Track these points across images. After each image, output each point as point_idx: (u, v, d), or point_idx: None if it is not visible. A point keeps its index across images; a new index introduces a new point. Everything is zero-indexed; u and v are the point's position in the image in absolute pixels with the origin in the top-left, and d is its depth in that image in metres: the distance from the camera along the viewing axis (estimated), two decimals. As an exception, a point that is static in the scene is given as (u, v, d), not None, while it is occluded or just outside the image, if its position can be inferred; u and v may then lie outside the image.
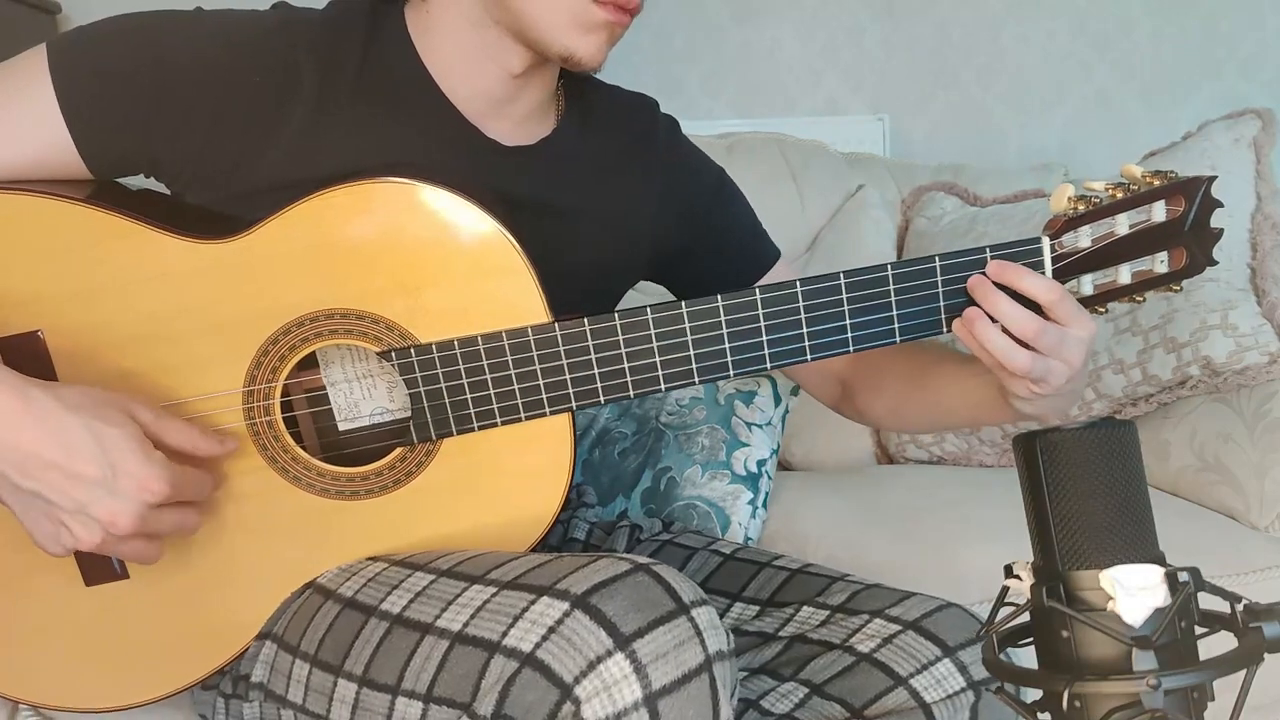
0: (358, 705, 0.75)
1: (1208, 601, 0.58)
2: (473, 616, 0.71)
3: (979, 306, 0.81)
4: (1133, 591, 0.55)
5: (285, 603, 0.85)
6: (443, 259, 0.81)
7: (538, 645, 0.66)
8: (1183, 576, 0.56)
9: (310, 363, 0.87)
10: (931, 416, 0.99)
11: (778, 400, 1.44)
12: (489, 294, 0.81)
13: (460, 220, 0.80)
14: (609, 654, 0.64)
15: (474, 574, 0.75)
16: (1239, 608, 0.57)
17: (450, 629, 0.72)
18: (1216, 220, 0.84)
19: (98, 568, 0.84)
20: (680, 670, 0.65)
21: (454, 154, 0.87)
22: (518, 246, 0.80)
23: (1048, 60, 2.22)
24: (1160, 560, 0.58)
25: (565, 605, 0.67)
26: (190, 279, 0.80)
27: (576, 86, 0.98)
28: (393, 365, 0.81)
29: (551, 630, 0.66)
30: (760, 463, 1.35)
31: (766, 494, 1.34)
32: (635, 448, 1.37)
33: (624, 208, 0.97)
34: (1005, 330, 0.80)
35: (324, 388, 0.88)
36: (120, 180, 0.87)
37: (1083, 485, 0.58)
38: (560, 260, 0.83)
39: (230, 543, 0.84)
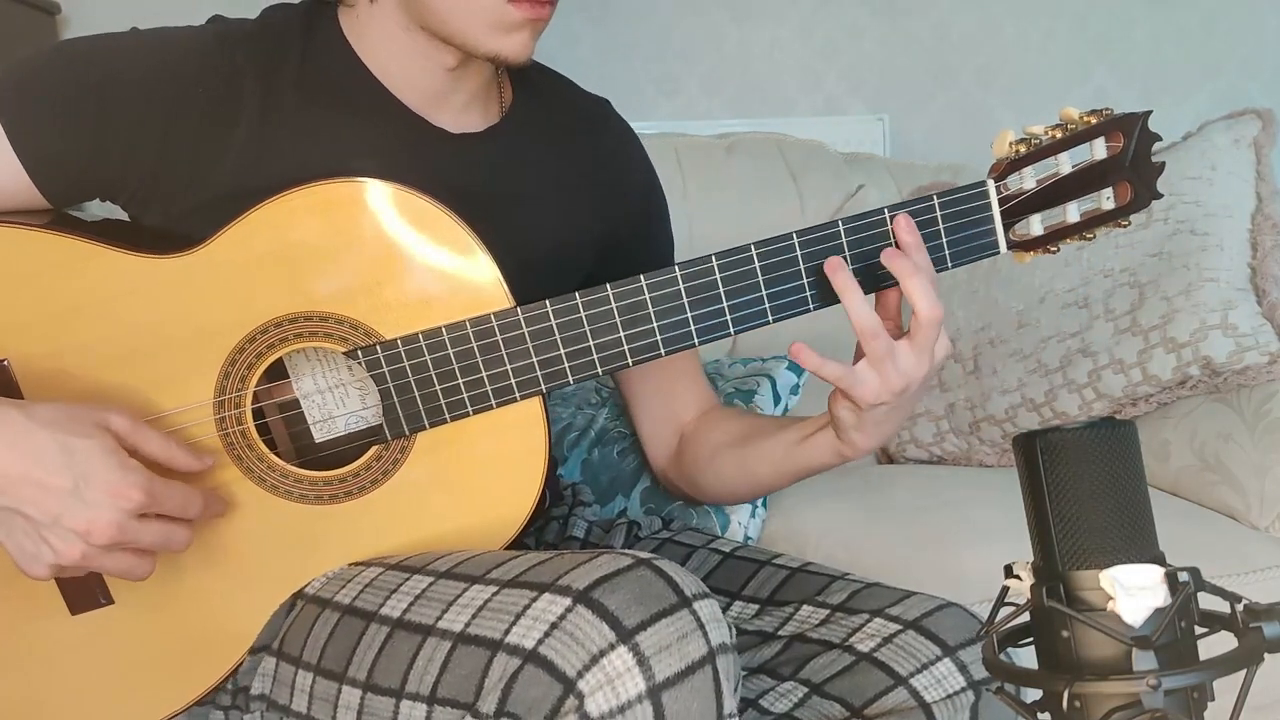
0: (363, 710, 0.75)
1: (1208, 601, 0.58)
2: (474, 616, 0.71)
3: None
4: (1133, 591, 0.55)
5: (276, 615, 0.84)
6: (401, 253, 0.81)
7: (540, 641, 0.66)
8: (1183, 576, 0.56)
9: (281, 373, 0.86)
10: (751, 467, 1.00)
11: (777, 400, 1.44)
12: (450, 284, 0.81)
13: (415, 213, 0.81)
14: (611, 647, 0.64)
15: (474, 574, 0.75)
16: (1239, 608, 0.57)
17: (452, 630, 0.72)
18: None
19: (82, 595, 0.83)
20: (683, 663, 0.65)
21: (403, 145, 0.88)
22: (474, 235, 0.81)
23: (1048, 60, 2.22)
24: (1160, 560, 0.58)
25: (567, 601, 0.67)
26: (153, 295, 0.80)
27: (525, 79, 0.98)
28: (360, 363, 0.81)
29: (554, 626, 0.66)
30: (760, 463, 1.35)
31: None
32: (634, 447, 1.36)
33: (569, 207, 0.98)
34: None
35: (297, 401, 0.87)
36: (78, 210, 0.88)
37: (1083, 485, 0.58)
38: (512, 248, 0.83)
39: (214, 557, 0.83)
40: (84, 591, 0.83)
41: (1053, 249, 0.87)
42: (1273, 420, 1.29)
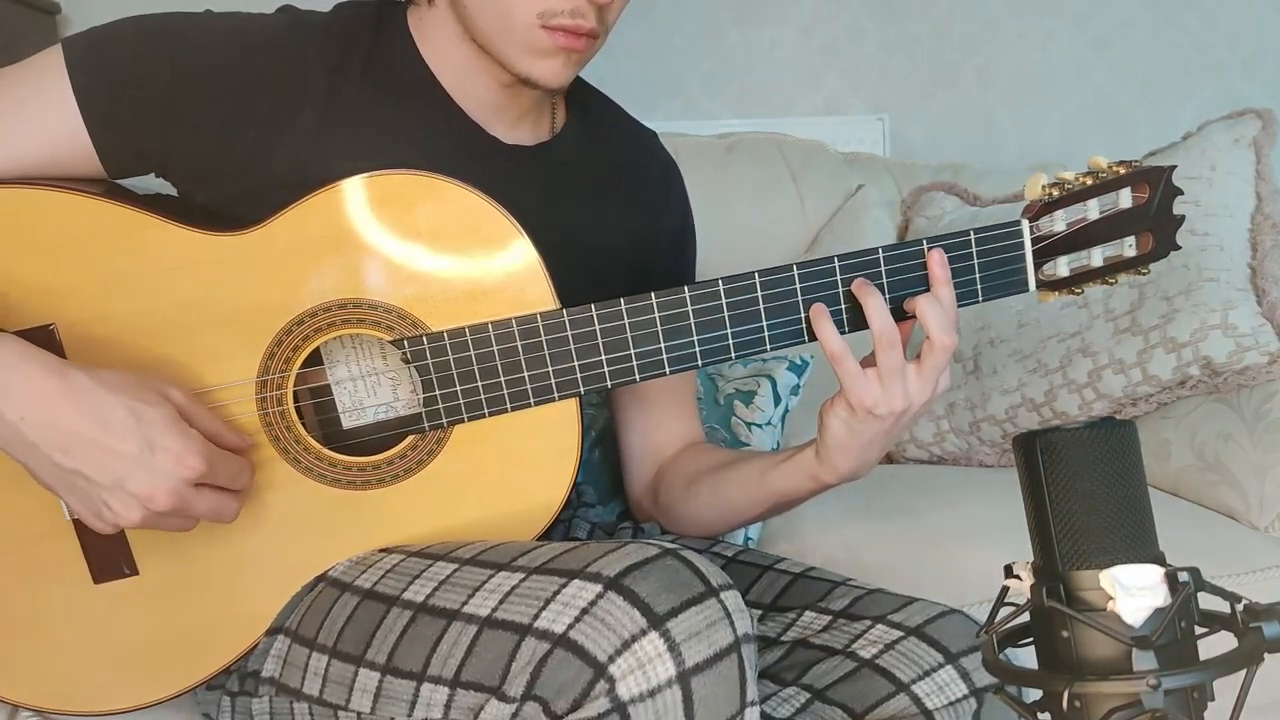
0: (380, 694, 0.75)
1: (1208, 601, 0.58)
2: (502, 601, 0.72)
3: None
4: (1133, 591, 0.55)
5: (296, 597, 0.85)
6: (453, 248, 0.82)
7: (570, 626, 0.67)
8: (1183, 576, 0.56)
9: (316, 359, 0.87)
10: (724, 493, 0.97)
11: (777, 400, 1.44)
12: (497, 282, 0.83)
13: (469, 210, 0.82)
14: (643, 633, 0.65)
15: (499, 561, 0.76)
16: (1239, 608, 0.57)
17: (479, 614, 0.72)
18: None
19: (107, 565, 0.83)
20: (712, 649, 0.66)
21: (459, 150, 0.90)
22: (527, 237, 0.82)
23: (1048, 60, 2.22)
24: (1160, 560, 0.58)
25: (598, 587, 0.67)
26: (206, 271, 0.81)
27: (579, 100, 1.00)
28: (404, 353, 0.83)
29: (585, 611, 0.67)
30: (760, 463, 1.35)
31: (766, 494, 1.34)
32: (635, 448, 1.37)
33: (613, 227, 0.98)
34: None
35: (328, 386, 0.88)
36: (127, 184, 0.88)
37: (1083, 485, 0.58)
38: (555, 258, 0.84)
39: (241, 535, 0.84)
40: (109, 561, 0.83)
41: (1076, 291, 0.89)
42: (1273, 420, 1.29)
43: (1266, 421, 1.30)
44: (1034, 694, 0.59)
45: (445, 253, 0.82)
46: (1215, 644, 0.57)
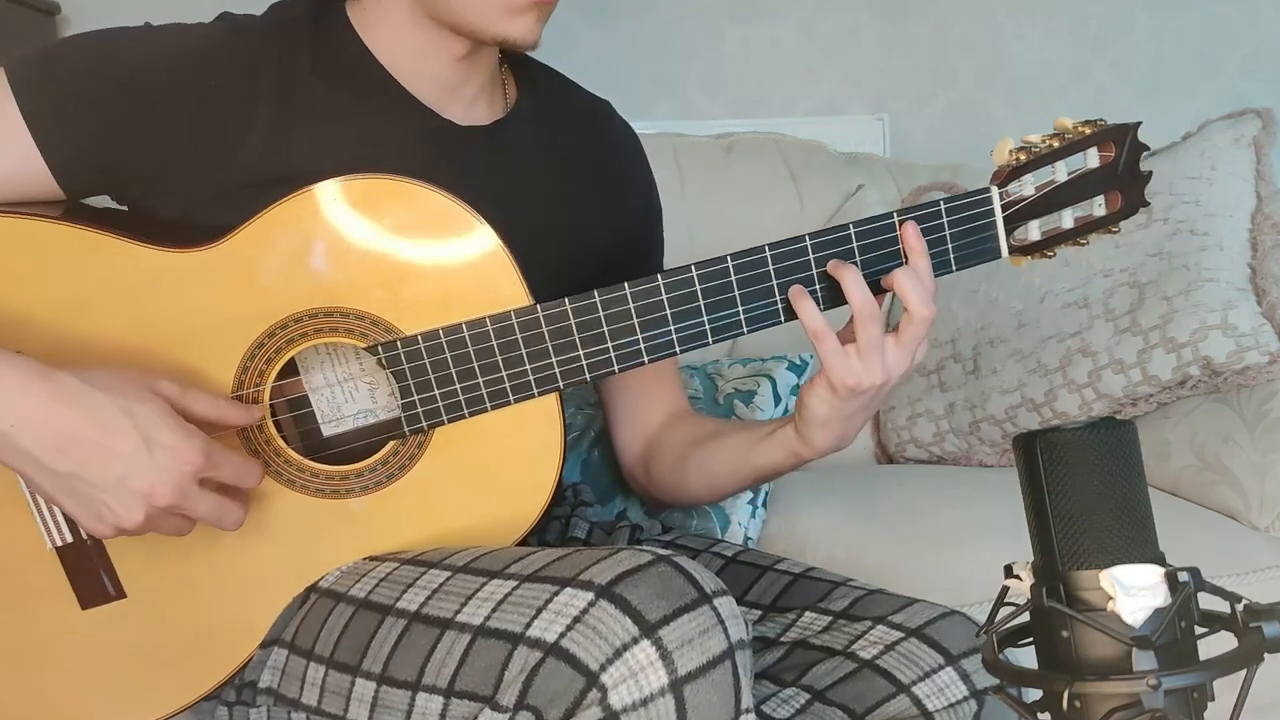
0: (376, 703, 0.75)
1: (1208, 601, 0.58)
2: (494, 610, 0.72)
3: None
4: (1133, 591, 0.55)
5: (289, 609, 0.84)
6: (422, 250, 0.82)
7: (562, 635, 0.67)
8: (1183, 576, 0.56)
9: (292, 369, 0.87)
10: (709, 467, 1.00)
11: (777, 400, 1.44)
12: (470, 282, 0.82)
13: (435, 210, 0.81)
14: (635, 641, 0.65)
15: (492, 569, 0.76)
16: (1239, 608, 0.57)
17: (471, 623, 0.72)
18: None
19: (92, 590, 0.83)
20: (705, 657, 0.65)
21: (414, 137, 0.90)
22: (495, 234, 0.81)
23: (1047, 60, 2.22)
24: (1160, 560, 0.58)
25: (590, 595, 0.67)
26: (172, 288, 0.81)
27: (529, 76, 1.00)
28: (379, 360, 0.82)
29: (576, 620, 0.67)
30: (760, 463, 1.35)
31: (766, 493, 1.33)
32: (635, 448, 1.37)
33: (579, 199, 0.99)
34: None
35: (305, 394, 0.88)
36: (87, 202, 0.87)
37: (1083, 485, 0.58)
38: (525, 240, 0.84)
39: (228, 550, 0.83)
40: (95, 586, 0.83)
41: (1049, 253, 0.90)
42: (1273, 420, 1.29)
43: (1266, 421, 1.30)
44: (1034, 694, 0.58)
45: (414, 255, 0.81)
46: (1215, 644, 0.57)
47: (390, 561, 0.82)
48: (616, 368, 0.84)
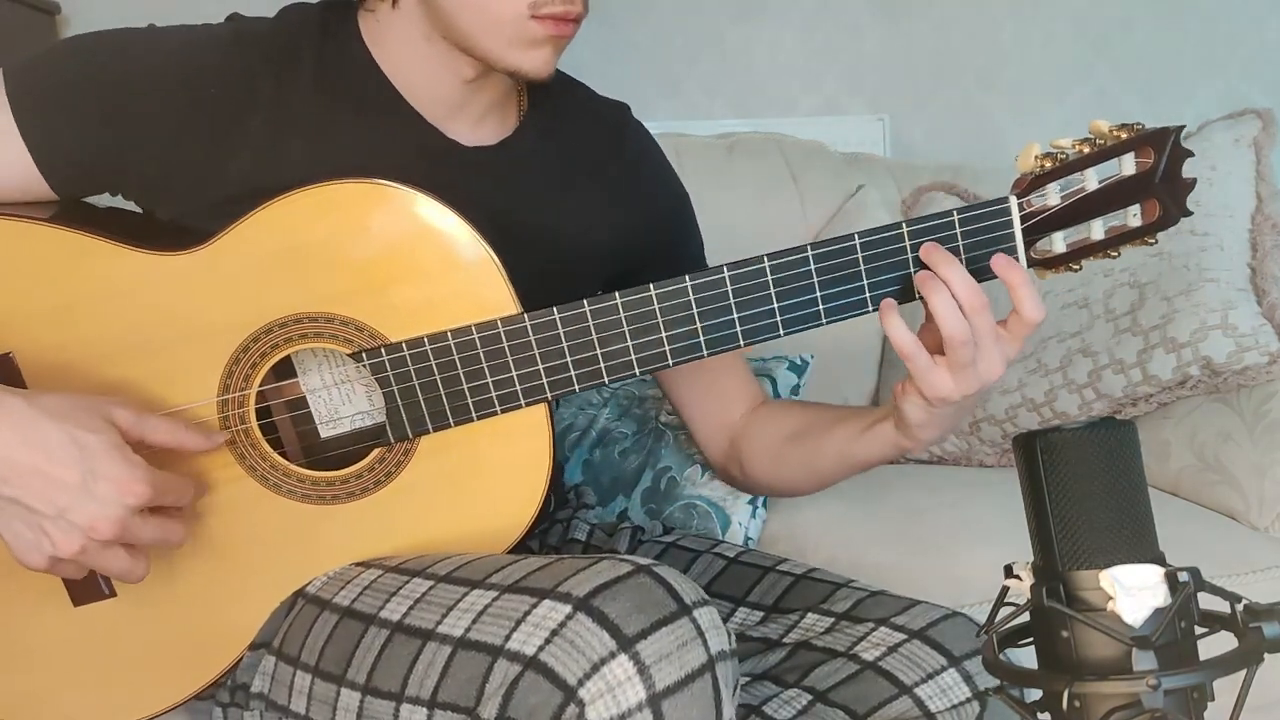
0: (362, 713, 0.75)
1: (1208, 601, 0.58)
2: (474, 621, 0.71)
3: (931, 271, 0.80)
4: (1133, 591, 0.55)
5: (276, 613, 0.84)
6: (408, 256, 0.81)
7: (541, 648, 0.66)
8: (1183, 576, 0.56)
9: (289, 370, 0.87)
10: (815, 465, 0.98)
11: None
12: (456, 289, 0.81)
13: (423, 216, 0.80)
14: (612, 656, 0.64)
15: (473, 579, 0.75)
16: (1239, 608, 0.57)
17: (452, 635, 0.72)
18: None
19: (85, 587, 0.83)
20: (683, 671, 0.65)
21: (415, 154, 0.88)
22: (482, 240, 0.80)
23: (1048, 60, 2.22)
24: (1160, 560, 0.58)
25: (568, 608, 0.67)
26: (158, 291, 0.80)
27: (542, 86, 0.97)
28: (364, 366, 0.81)
29: (554, 633, 0.66)
30: (760, 463, 1.35)
31: (766, 494, 1.34)
32: (635, 447, 1.37)
33: (584, 217, 0.96)
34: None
35: (304, 396, 0.87)
36: (88, 200, 0.87)
37: (1083, 485, 0.58)
38: (525, 255, 0.83)
39: (216, 554, 0.83)
40: (87, 583, 0.83)
41: (1075, 267, 0.84)
42: (1273, 420, 1.29)
43: (1266, 421, 1.30)
44: (1034, 694, 0.59)
45: (399, 260, 0.80)
46: (1215, 644, 0.57)
47: (375, 568, 0.82)
48: (606, 379, 0.82)
